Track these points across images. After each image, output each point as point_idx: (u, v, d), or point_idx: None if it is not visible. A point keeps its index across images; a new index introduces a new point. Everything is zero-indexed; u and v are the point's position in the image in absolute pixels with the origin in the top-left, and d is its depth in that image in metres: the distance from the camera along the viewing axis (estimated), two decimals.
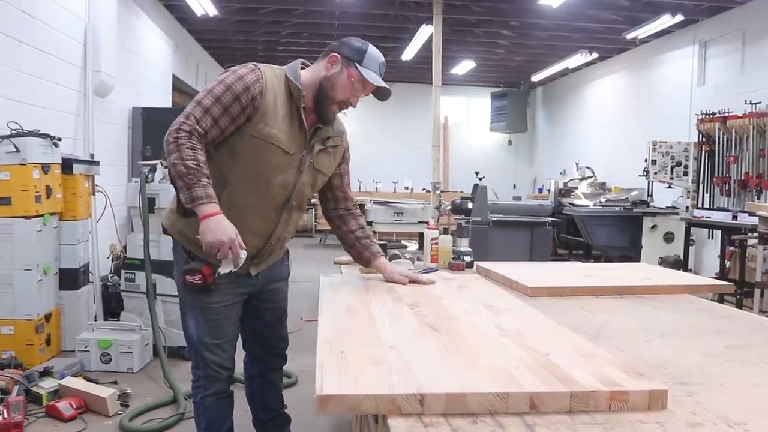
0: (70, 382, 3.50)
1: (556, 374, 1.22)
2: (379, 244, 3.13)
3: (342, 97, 2.11)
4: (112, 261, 5.56)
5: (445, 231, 3.13)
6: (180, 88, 9.67)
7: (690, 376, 1.36)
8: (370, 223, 6.44)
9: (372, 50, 2.14)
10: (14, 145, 3.90)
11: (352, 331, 1.57)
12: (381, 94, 2.19)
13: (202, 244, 1.92)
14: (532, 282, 2.31)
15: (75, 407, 3.30)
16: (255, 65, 2.06)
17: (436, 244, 2.97)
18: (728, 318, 1.96)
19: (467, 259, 2.96)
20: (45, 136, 4.13)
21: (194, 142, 1.93)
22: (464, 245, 3.07)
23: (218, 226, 1.89)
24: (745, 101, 6.88)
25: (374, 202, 6.71)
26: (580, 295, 2.28)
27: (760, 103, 6.73)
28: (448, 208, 6.76)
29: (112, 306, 4.89)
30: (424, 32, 8.65)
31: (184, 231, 2.11)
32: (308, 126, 2.13)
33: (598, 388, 1.15)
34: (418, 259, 3.14)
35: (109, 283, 5.10)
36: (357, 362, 1.29)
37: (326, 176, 2.28)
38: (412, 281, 2.32)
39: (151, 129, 6.75)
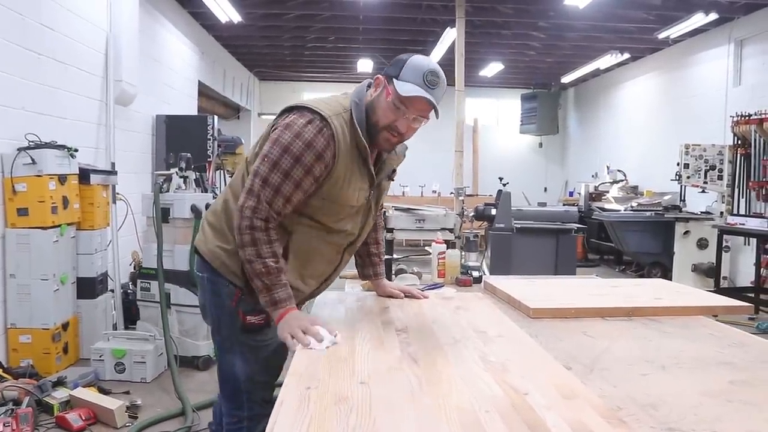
0: (80, 392, 3.52)
1: (528, 420, 1.13)
2: (401, 257, 3.08)
3: (385, 121, 1.84)
4: (134, 268, 5.61)
5: (453, 245, 3.03)
6: (207, 94, 9.77)
7: (682, 421, 1.25)
8: (391, 230, 6.36)
9: (414, 60, 1.84)
10: (30, 157, 3.95)
11: (327, 361, 1.51)
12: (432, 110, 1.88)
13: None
14: (535, 303, 2.20)
15: (84, 419, 3.32)
16: (323, 118, 1.78)
17: (443, 258, 2.89)
18: (739, 346, 1.83)
19: (475, 274, 2.87)
20: (61, 147, 4.18)
21: (271, 233, 1.79)
22: (472, 260, 2.98)
23: (288, 320, 1.75)
24: None
25: (396, 209, 6.62)
26: (586, 316, 2.16)
27: None
28: (471, 214, 6.65)
29: (132, 314, 4.93)
30: (450, 35, 8.55)
31: (235, 270, 1.90)
32: (373, 163, 1.94)
33: None
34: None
35: (129, 291, 5.14)
36: (319, 400, 1.23)
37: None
38: (407, 295, 2.29)
39: (174, 136, 6.82)
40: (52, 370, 4.03)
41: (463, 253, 3.03)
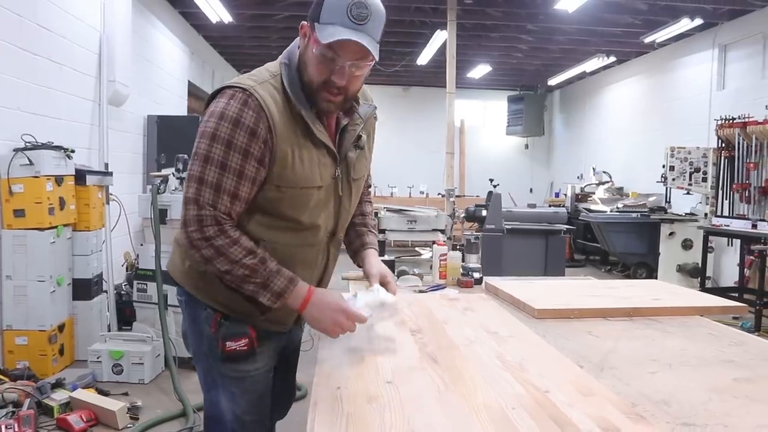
0: (81, 394, 3.52)
1: (554, 416, 1.19)
2: (393, 259, 3.11)
3: (319, 78, 1.53)
4: (127, 269, 5.61)
5: (455, 247, 3.08)
6: (196, 95, 9.74)
7: (694, 416, 1.32)
8: (383, 231, 6.42)
9: None
10: (28, 158, 3.94)
11: (350, 362, 1.55)
12: (352, 47, 1.49)
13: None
14: (539, 303, 2.27)
15: (85, 420, 3.32)
16: (245, 91, 1.51)
17: (445, 260, 2.94)
18: (739, 345, 1.91)
19: (476, 275, 2.93)
20: (58, 148, 4.18)
21: (230, 233, 1.51)
22: (473, 261, 3.04)
23: (319, 311, 1.56)
24: (766, 106, 6.75)
25: (387, 210, 6.68)
26: (588, 317, 2.23)
27: None
28: (462, 215, 6.73)
29: (126, 315, 4.92)
30: (439, 37, 8.63)
31: (214, 295, 1.66)
32: (331, 135, 1.65)
33: None
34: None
35: (123, 292, 5.14)
36: (352, 400, 1.28)
37: (365, 176, 1.85)
38: (382, 282, 1.77)
39: (166, 137, 6.82)
40: (48, 372, 4.02)
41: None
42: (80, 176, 4.45)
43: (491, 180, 7.29)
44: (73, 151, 4.31)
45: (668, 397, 1.43)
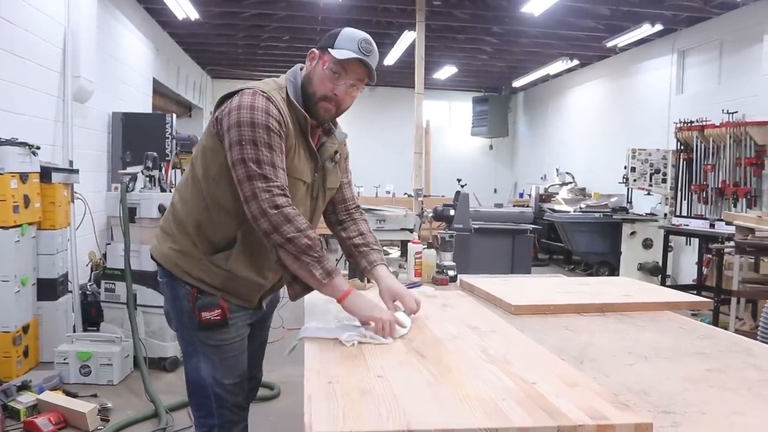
0: (48, 396, 3.45)
1: (543, 406, 1.23)
2: None
3: (323, 90, 1.87)
4: (92, 269, 5.49)
5: (429, 245, 3.12)
6: (161, 92, 9.60)
7: (673, 405, 1.38)
8: None
9: (347, 30, 1.89)
10: None
11: (338, 357, 1.57)
12: (368, 75, 1.90)
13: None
14: (515, 300, 2.32)
15: (54, 423, 3.26)
16: (264, 92, 1.82)
17: (420, 258, 2.98)
18: (708, 338, 1.99)
19: (451, 273, 2.97)
20: (23, 144, 4.08)
21: (292, 204, 1.76)
22: (448, 259, 3.08)
23: (369, 303, 1.82)
24: (722, 110, 7.00)
25: None
26: (563, 312, 2.29)
27: (736, 112, 6.86)
28: (430, 215, 6.78)
29: (91, 315, 4.83)
30: (407, 38, 8.68)
31: (190, 271, 1.90)
32: (315, 144, 1.96)
33: (585, 422, 1.16)
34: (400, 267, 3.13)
35: (88, 292, 5.03)
36: (345, 394, 1.29)
37: (335, 190, 2.10)
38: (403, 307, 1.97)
39: (131, 134, 6.70)
40: (12, 374, 3.92)
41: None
42: (46, 174, 4.35)
43: (459, 180, 7.37)
44: (38, 148, 4.21)
45: (647, 387, 1.50)
